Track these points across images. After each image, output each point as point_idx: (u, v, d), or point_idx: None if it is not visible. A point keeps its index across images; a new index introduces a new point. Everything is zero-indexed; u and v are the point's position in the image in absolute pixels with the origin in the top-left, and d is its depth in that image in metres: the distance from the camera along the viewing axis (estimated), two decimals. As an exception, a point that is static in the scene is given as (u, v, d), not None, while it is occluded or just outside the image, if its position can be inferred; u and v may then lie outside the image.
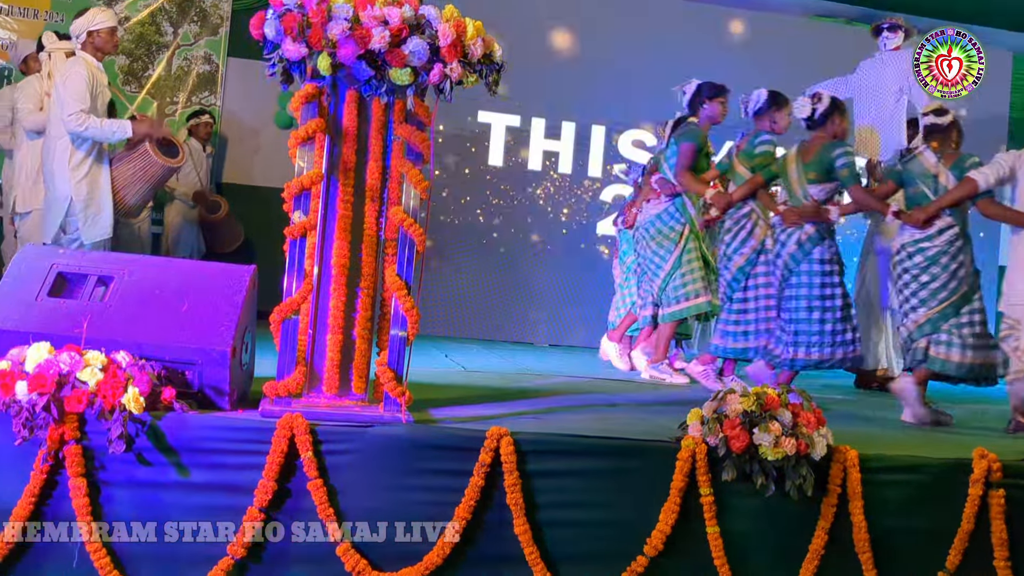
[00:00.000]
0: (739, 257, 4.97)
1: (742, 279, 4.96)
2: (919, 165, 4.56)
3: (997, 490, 3.29)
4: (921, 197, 4.51)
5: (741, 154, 5.15)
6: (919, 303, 4.44)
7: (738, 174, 5.12)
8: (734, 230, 5.01)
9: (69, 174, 4.88)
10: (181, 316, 3.09)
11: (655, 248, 5.29)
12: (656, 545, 3.05)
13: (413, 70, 2.95)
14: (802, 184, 4.65)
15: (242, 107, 7.78)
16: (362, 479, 2.95)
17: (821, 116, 4.68)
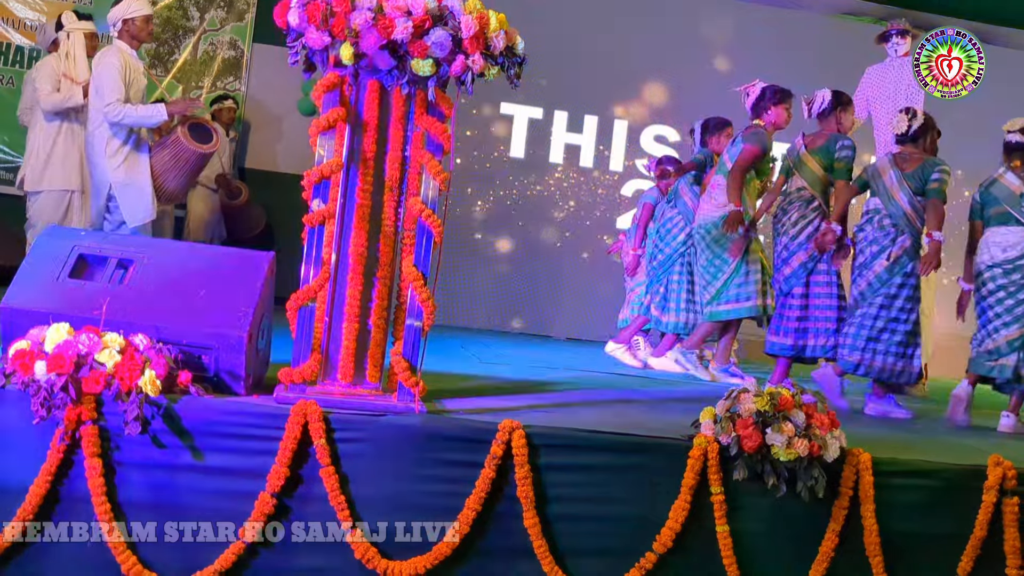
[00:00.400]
0: (803, 252, 4.93)
1: (803, 275, 4.92)
2: (1003, 188, 4.64)
3: (1011, 498, 3.27)
4: (1006, 218, 4.60)
5: (816, 152, 5.01)
6: (1013, 320, 4.53)
7: (808, 168, 5.00)
8: (801, 224, 4.96)
9: (107, 162, 4.95)
10: (199, 301, 3.11)
11: (716, 250, 5.22)
12: (665, 542, 3.05)
13: (435, 61, 2.95)
14: (903, 190, 4.66)
15: (266, 93, 7.81)
16: (374, 468, 2.96)
17: (915, 132, 4.74)
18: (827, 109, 5.08)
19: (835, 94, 5.13)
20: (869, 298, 4.67)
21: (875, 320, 4.62)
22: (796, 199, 5.00)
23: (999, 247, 4.59)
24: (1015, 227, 4.58)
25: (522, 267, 7.89)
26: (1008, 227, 4.60)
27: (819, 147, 5.01)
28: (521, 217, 7.94)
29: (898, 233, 4.64)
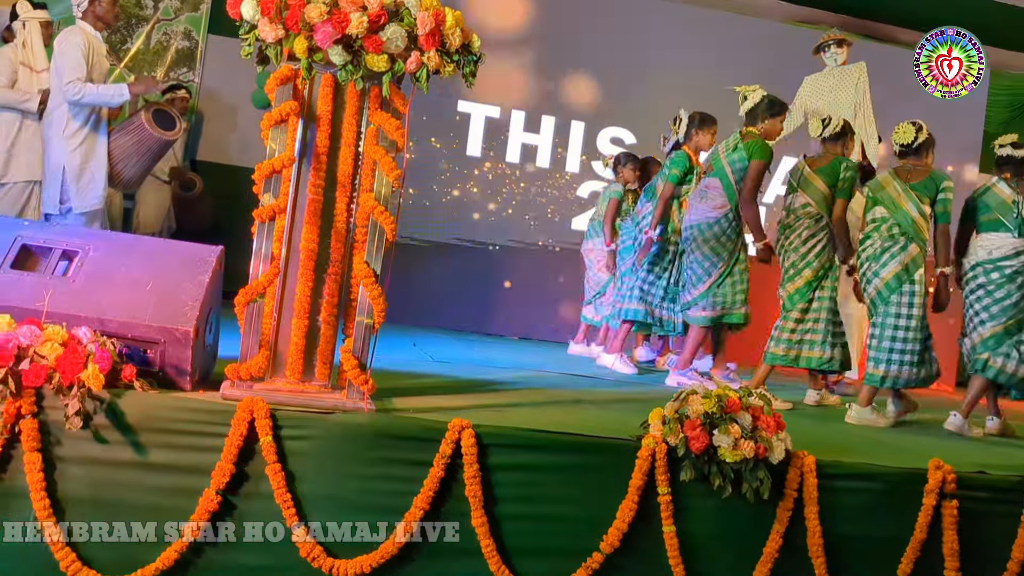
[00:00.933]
0: (808, 271, 5.01)
1: (808, 292, 5.01)
2: (995, 197, 4.83)
3: (951, 501, 3.34)
4: (996, 224, 4.78)
5: (820, 171, 5.08)
6: (989, 317, 4.72)
7: (814, 187, 5.06)
8: (811, 243, 5.03)
9: (64, 143, 4.85)
10: (145, 294, 3.06)
11: (707, 252, 5.21)
12: (612, 542, 3.06)
13: (390, 57, 2.94)
14: (911, 200, 4.76)
15: (220, 85, 7.71)
16: (321, 466, 2.94)
17: (920, 146, 4.84)
18: (838, 134, 5.16)
19: (846, 122, 5.24)
20: (880, 306, 4.76)
21: (894, 331, 4.72)
22: (803, 216, 5.07)
23: (985, 249, 4.79)
24: (1004, 233, 4.77)
25: (475, 266, 7.88)
26: (998, 233, 4.78)
27: (824, 167, 5.07)
28: (476, 215, 7.93)
29: (908, 241, 4.73)
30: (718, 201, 5.19)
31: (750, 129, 5.24)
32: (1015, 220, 4.76)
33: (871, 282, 4.79)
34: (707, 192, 5.25)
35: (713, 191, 5.22)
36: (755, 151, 5.14)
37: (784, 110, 5.34)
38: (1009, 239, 4.74)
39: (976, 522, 3.39)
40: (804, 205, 5.06)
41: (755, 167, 5.13)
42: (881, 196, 4.85)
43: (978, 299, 4.78)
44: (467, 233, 7.89)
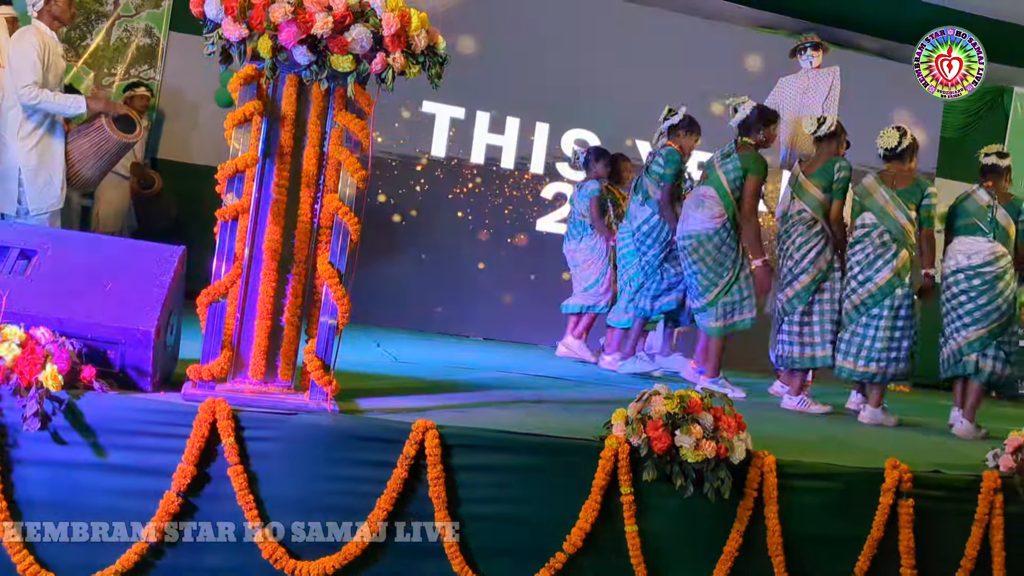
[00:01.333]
0: (806, 276, 5.09)
1: (806, 296, 5.10)
2: (973, 203, 5.03)
3: (907, 500, 3.40)
4: (973, 228, 4.97)
5: (814, 176, 5.15)
6: (972, 321, 4.89)
7: (809, 193, 5.13)
8: (805, 248, 5.11)
9: (19, 144, 4.77)
10: (105, 294, 3.03)
11: (710, 264, 5.23)
12: (575, 542, 3.08)
13: (355, 58, 2.94)
14: (899, 208, 4.93)
15: (182, 82, 7.63)
16: (284, 467, 2.92)
17: (903, 150, 5.00)
18: (829, 133, 5.23)
19: (839, 123, 5.32)
20: (871, 308, 4.91)
21: (889, 331, 4.87)
22: (798, 222, 5.15)
23: (964, 254, 4.95)
24: (980, 237, 4.94)
25: (440, 266, 7.87)
26: (974, 237, 4.95)
27: (817, 170, 5.15)
28: (440, 217, 7.92)
29: (899, 247, 4.90)
30: (715, 210, 5.22)
31: (745, 140, 5.30)
32: (990, 224, 4.93)
33: (863, 285, 4.93)
34: (704, 201, 5.25)
35: (710, 200, 5.23)
36: (750, 166, 5.19)
37: (776, 117, 5.44)
38: (984, 243, 4.92)
39: (931, 520, 3.45)
40: (800, 211, 5.15)
41: (752, 183, 5.20)
42: (869, 203, 4.99)
43: (960, 304, 4.93)
44: (432, 234, 7.88)
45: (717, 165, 5.30)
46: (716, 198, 5.22)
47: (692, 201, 5.34)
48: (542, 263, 7.92)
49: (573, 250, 6.59)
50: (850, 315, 4.99)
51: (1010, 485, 3.55)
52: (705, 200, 5.24)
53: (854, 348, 4.95)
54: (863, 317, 4.92)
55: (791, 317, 5.14)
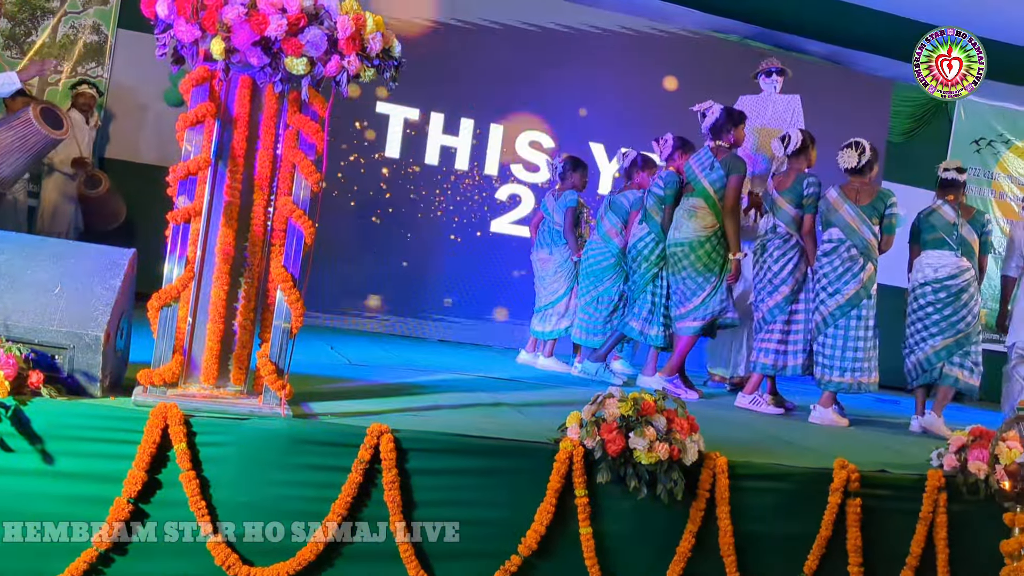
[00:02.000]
0: (786, 287, 5.25)
1: (786, 307, 5.26)
2: (940, 218, 5.26)
3: (854, 499, 3.47)
4: (940, 243, 5.21)
5: (786, 192, 5.27)
6: (938, 331, 5.13)
7: (783, 210, 5.28)
8: (782, 261, 5.27)
9: None
10: (53, 298, 2.97)
11: (700, 269, 5.35)
12: (530, 544, 3.10)
13: (309, 60, 2.92)
14: (865, 223, 5.06)
15: (131, 81, 7.50)
16: (237, 472, 2.90)
17: (864, 166, 5.13)
18: (798, 149, 5.33)
19: (809, 134, 5.43)
20: (838, 319, 5.02)
21: (859, 341, 5.00)
22: (774, 237, 5.32)
23: (932, 267, 5.20)
24: (947, 251, 5.18)
25: (394, 268, 7.84)
26: (941, 251, 5.20)
27: (788, 187, 5.29)
28: (395, 218, 7.89)
29: (865, 261, 5.03)
30: (708, 220, 5.36)
31: (719, 144, 5.42)
32: (956, 239, 5.16)
33: (832, 297, 5.05)
34: (695, 211, 5.39)
35: (701, 211, 5.37)
36: (732, 167, 5.34)
37: (744, 117, 5.55)
38: (951, 258, 5.16)
39: (878, 519, 3.53)
40: (774, 227, 5.32)
41: (735, 182, 5.34)
42: (835, 219, 5.12)
43: (927, 315, 5.17)
44: (388, 236, 7.84)
45: (701, 177, 5.40)
46: (706, 208, 5.37)
47: (684, 212, 5.45)
48: (498, 264, 7.93)
49: (544, 259, 6.49)
50: (819, 326, 5.10)
51: (954, 484, 3.64)
52: (697, 211, 5.38)
53: (826, 359, 5.06)
54: (830, 328, 5.04)
55: (771, 327, 5.27)
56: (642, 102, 8.20)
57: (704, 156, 5.47)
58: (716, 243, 5.37)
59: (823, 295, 5.10)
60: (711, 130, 5.46)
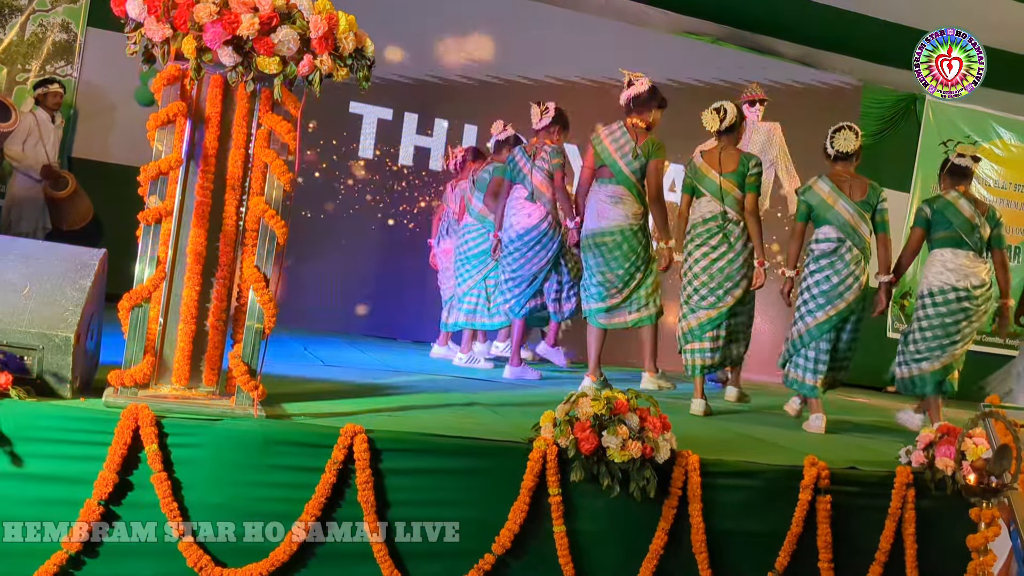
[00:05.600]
0: (745, 281, 5.01)
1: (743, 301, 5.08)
2: (957, 214, 4.89)
3: (824, 496, 3.50)
4: (958, 242, 4.88)
5: (732, 175, 5.00)
6: (961, 340, 4.89)
7: (731, 195, 5.00)
8: (744, 253, 5.00)
9: None
10: (22, 299, 2.94)
11: (632, 258, 5.13)
12: (504, 543, 3.11)
13: (282, 60, 2.91)
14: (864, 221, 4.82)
15: (100, 80, 7.42)
16: (210, 474, 2.89)
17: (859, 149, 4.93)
18: (735, 126, 5.11)
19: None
20: (836, 324, 4.74)
21: (849, 343, 4.83)
22: (727, 224, 5.01)
23: (960, 273, 4.86)
24: (969, 252, 4.88)
25: (369, 270, 7.82)
26: (963, 252, 4.88)
27: (734, 170, 5.02)
28: (367, 218, 7.87)
29: (865, 262, 4.78)
30: (635, 208, 5.13)
31: (635, 122, 5.14)
32: (976, 240, 4.86)
33: (831, 303, 4.73)
34: (622, 199, 5.12)
35: (628, 199, 5.12)
36: (652, 152, 5.10)
37: (666, 103, 5.27)
38: (976, 262, 4.87)
39: (847, 515, 3.57)
40: (723, 214, 4.96)
41: (657, 166, 5.13)
42: (830, 216, 4.78)
43: (955, 323, 4.86)
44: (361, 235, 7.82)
45: (622, 165, 5.10)
46: (631, 196, 5.13)
47: (605, 199, 5.15)
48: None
49: (445, 251, 6.53)
50: (811, 332, 4.76)
51: (922, 480, 3.68)
52: (623, 199, 5.13)
53: (812, 364, 4.78)
54: (829, 334, 4.74)
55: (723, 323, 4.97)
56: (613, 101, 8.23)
57: (620, 136, 5.15)
58: (645, 230, 5.19)
59: (821, 300, 4.74)
60: (633, 102, 5.15)
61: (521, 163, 5.67)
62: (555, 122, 5.72)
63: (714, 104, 5.18)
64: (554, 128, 5.73)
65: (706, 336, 4.97)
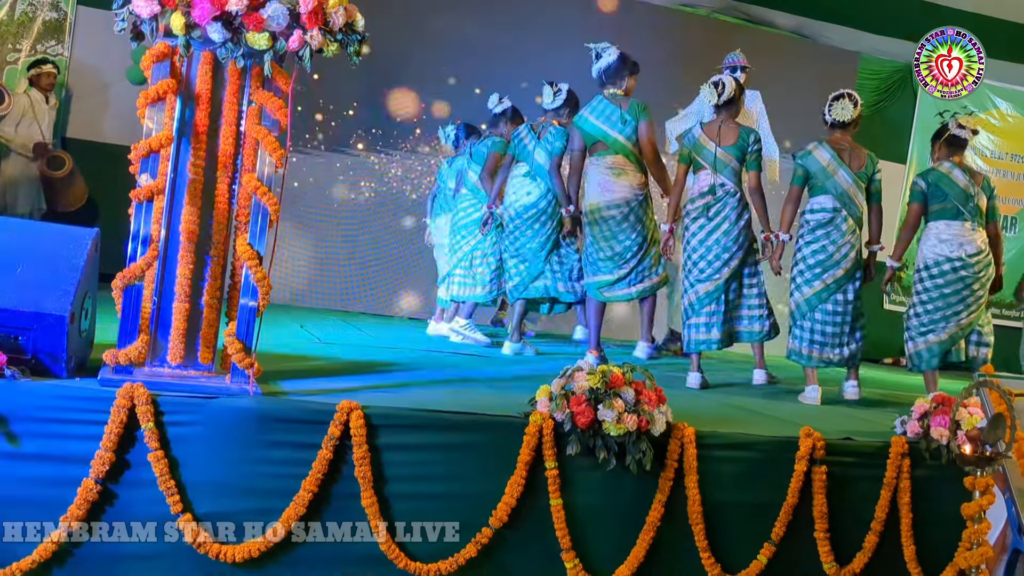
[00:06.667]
0: (741, 252, 4.94)
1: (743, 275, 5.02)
2: (952, 184, 4.86)
3: (820, 466, 3.51)
4: (955, 214, 4.84)
5: (731, 148, 4.92)
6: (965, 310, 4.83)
7: (729, 167, 4.92)
8: (740, 224, 4.94)
9: None
10: (16, 278, 2.95)
11: (640, 228, 5.12)
12: (501, 517, 3.12)
13: (271, 35, 2.88)
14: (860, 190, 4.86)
15: (93, 59, 7.39)
16: (206, 451, 2.90)
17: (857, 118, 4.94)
18: (732, 99, 5.00)
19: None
20: (835, 294, 4.77)
21: (852, 315, 4.82)
22: (725, 196, 4.95)
23: (955, 243, 4.83)
24: (964, 223, 4.84)
25: (364, 246, 7.81)
26: (958, 223, 4.84)
27: (734, 143, 4.94)
28: (363, 196, 7.85)
29: (859, 230, 4.82)
30: (639, 178, 5.13)
31: (615, 92, 5.13)
32: (972, 209, 4.85)
33: (828, 271, 4.77)
34: (624, 170, 5.10)
35: (628, 169, 5.11)
36: (639, 113, 5.08)
37: (638, 68, 5.24)
38: (971, 231, 4.83)
39: (843, 485, 3.58)
40: (721, 185, 4.91)
41: (647, 129, 5.09)
42: (829, 185, 4.81)
43: (955, 293, 4.83)
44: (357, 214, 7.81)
45: (616, 135, 5.06)
46: (632, 166, 5.11)
47: (609, 170, 5.12)
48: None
49: (441, 227, 6.46)
50: (809, 301, 4.81)
51: (917, 450, 3.70)
52: (625, 169, 5.11)
53: (808, 335, 4.81)
54: (825, 304, 4.78)
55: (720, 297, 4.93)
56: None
57: (604, 108, 5.13)
58: (649, 201, 5.19)
59: (818, 269, 4.78)
60: (605, 73, 5.14)
61: (526, 140, 5.65)
62: (565, 104, 5.68)
63: (712, 78, 5.12)
64: (564, 110, 5.69)
65: (703, 311, 4.95)
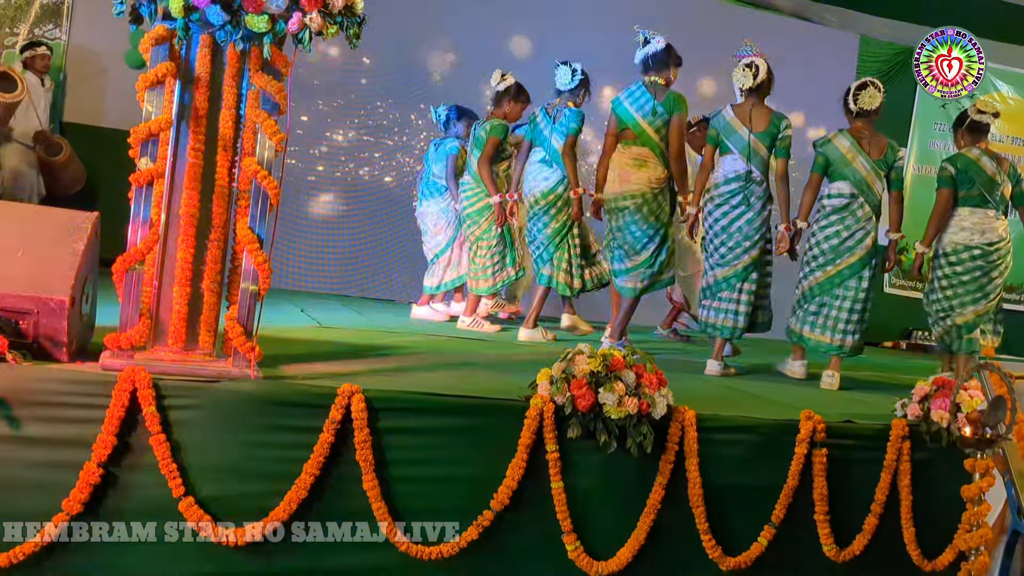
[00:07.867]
0: (763, 241, 4.94)
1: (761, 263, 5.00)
2: (980, 172, 4.90)
3: (820, 449, 3.53)
4: (981, 201, 4.90)
5: (762, 135, 4.88)
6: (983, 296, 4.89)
7: (758, 155, 4.88)
8: (764, 213, 4.94)
9: None
10: (16, 262, 2.94)
11: (651, 221, 5.08)
12: (503, 500, 3.13)
13: (271, 18, 2.87)
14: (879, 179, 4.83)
15: (91, 43, 7.35)
16: (208, 435, 2.90)
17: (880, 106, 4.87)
18: (763, 84, 4.95)
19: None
20: (848, 280, 4.77)
21: (861, 303, 4.80)
22: (751, 184, 4.93)
23: (976, 230, 4.88)
24: (988, 210, 4.89)
25: (364, 230, 7.80)
26: (982, 210, 4.90)
27: (764, 130, 4.90)
28: (362, 179, 7.84)
29: (876, 219, 4.81)
30: (659, 172, 5.08)
31: (655, 80, 5.08)
32: (997, 198, 4.86)
33: (841, 256, 4.78)
34: (646, 162, 5.07)
35: (651, 161, 5.07)
36: (675, 107, 5.03)
37: (681, 61, 5.22)
38: (993, 219, 4.88)
39: (843, 468, 3.59)
40: (748, 173, 4.87)
41: (681, 122, 5.05)
42: (847, 172, 4.81)
43: (973, 279, 4.88)
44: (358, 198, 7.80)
45: (646, 125, 5.04)
46: (655, 158, 5.07)
47: (631, 161, 5.10)
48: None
49: (424, 212, 6.36)
50: (821, 285, 4.83)
51: (917, 432, 3.71)
52: (647, 161, 5.07)
53: (824, 320, 4.82)
54: (836, 289, 4.79)
55: (740, 285, 4.91)
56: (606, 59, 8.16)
57: (640, 95, 5.10)
58: (669, 194, 5.14)
59: (831, 254, 4.80)
60: (651, 60, 5.09)
61: (541, 124, 5.63)
62: (580, 85, 5.63)
63: (745, 60, 5.03)
64: (579, 91, 5.64)
65: (719, 295, 4.95)
